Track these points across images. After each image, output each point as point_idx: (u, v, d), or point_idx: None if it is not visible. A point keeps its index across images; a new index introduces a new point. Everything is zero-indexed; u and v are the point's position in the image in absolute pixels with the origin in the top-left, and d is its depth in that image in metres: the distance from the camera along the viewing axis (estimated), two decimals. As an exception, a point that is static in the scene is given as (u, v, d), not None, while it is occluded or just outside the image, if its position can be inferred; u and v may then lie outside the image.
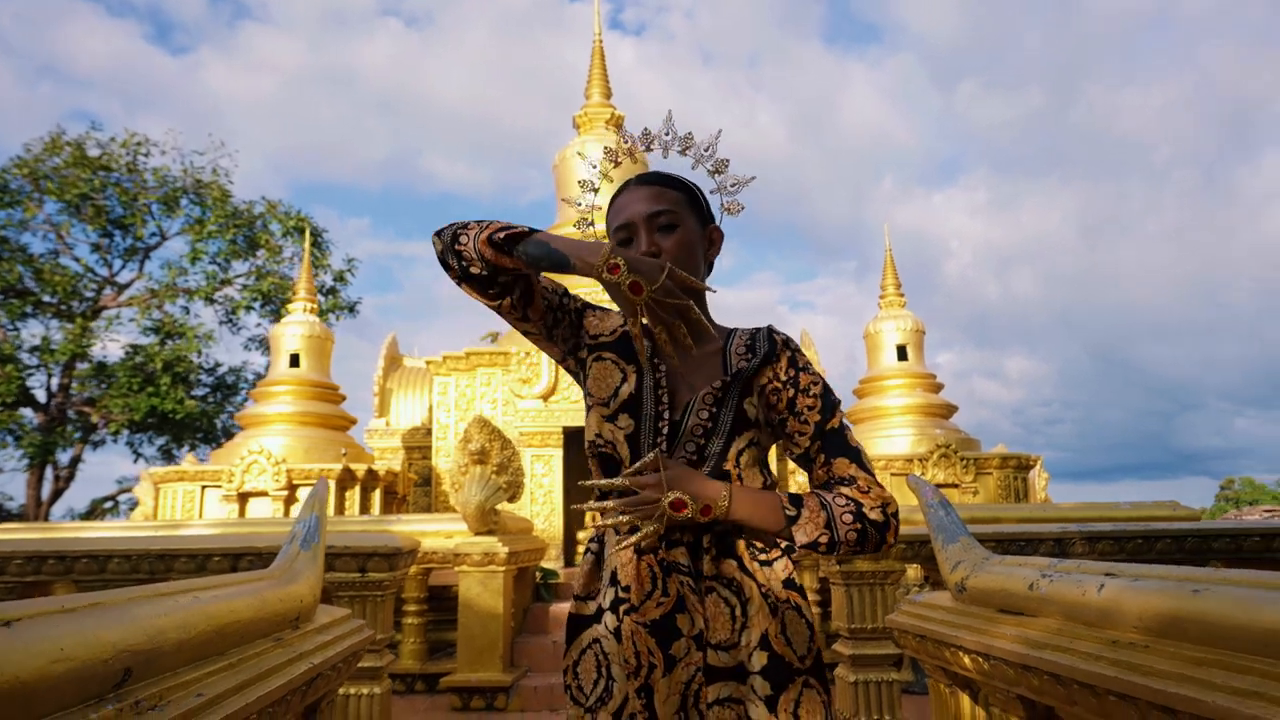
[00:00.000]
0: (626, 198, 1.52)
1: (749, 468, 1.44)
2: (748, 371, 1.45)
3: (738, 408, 1.44)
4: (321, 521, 3.03)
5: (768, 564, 1.40)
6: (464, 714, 5.86)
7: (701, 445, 1.42)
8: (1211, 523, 4.88)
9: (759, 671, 1.31)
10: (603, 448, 1.46)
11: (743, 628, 1.34)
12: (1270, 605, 1.38)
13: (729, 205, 1.53)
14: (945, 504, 3.21)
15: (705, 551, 1.38)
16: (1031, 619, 2.21)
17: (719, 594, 1.35)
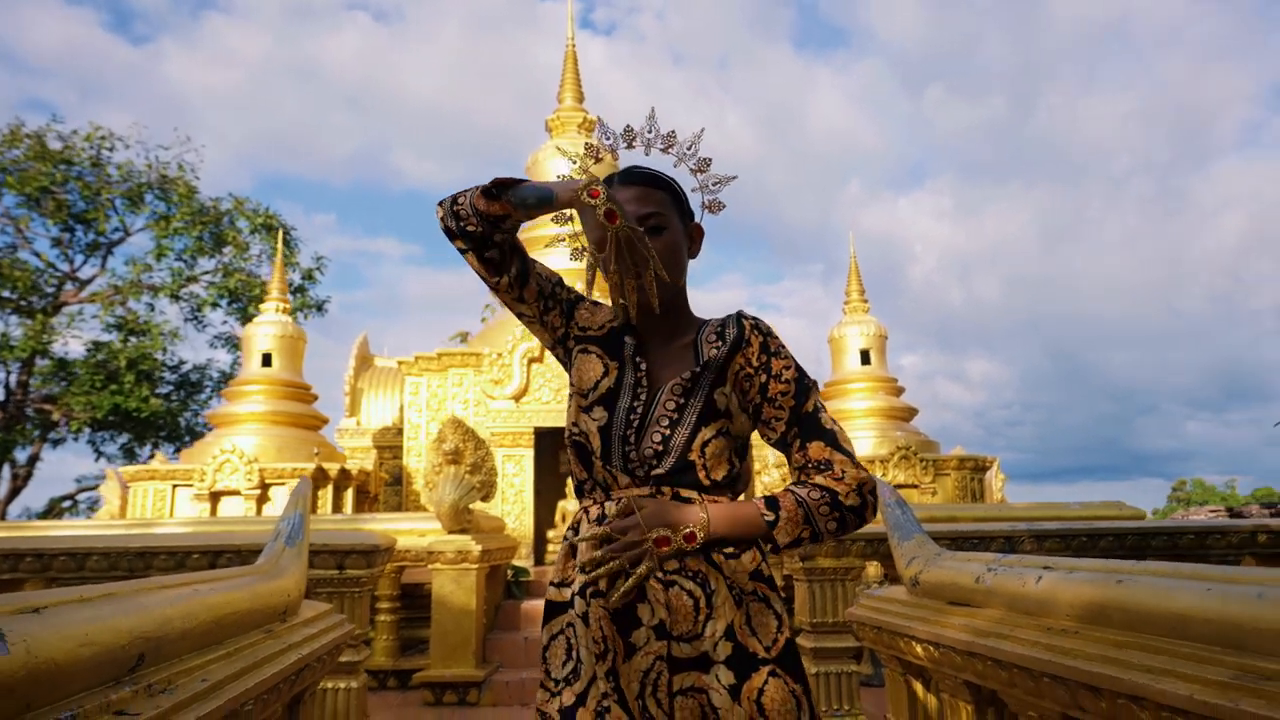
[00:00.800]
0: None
1: (715, 457, 1.41)
2: (717, 360, 1.44)
3: (707, 397, 1.42)
4: (305, 519, 3.11)
5: (734, 556, 1.37)
6: (437, 709, 5.92)
7: (667, 435, 1.41)
8: (1151, 522, 5.10)
9: (723, 661, 1.30)
10: (577, 437, 1.47)
11: (707, 619, 1.32)
12: (1180, 592, 1.52)
13: (710, 204, 1.54)
14: (902, 504, 3.36)
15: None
16: (978, 610, 2.35)
17: (682, 586, 1.33)
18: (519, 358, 12.02)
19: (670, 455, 1.40)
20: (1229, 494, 36.53)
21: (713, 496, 1.42)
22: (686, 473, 1.40)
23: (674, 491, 1.40)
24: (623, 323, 1.55)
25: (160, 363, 19.10)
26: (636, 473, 1.41)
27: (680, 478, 1.40)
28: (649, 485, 1.40)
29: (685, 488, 1.40)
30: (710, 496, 1.41)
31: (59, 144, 18.31)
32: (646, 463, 1.41)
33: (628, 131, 1.53)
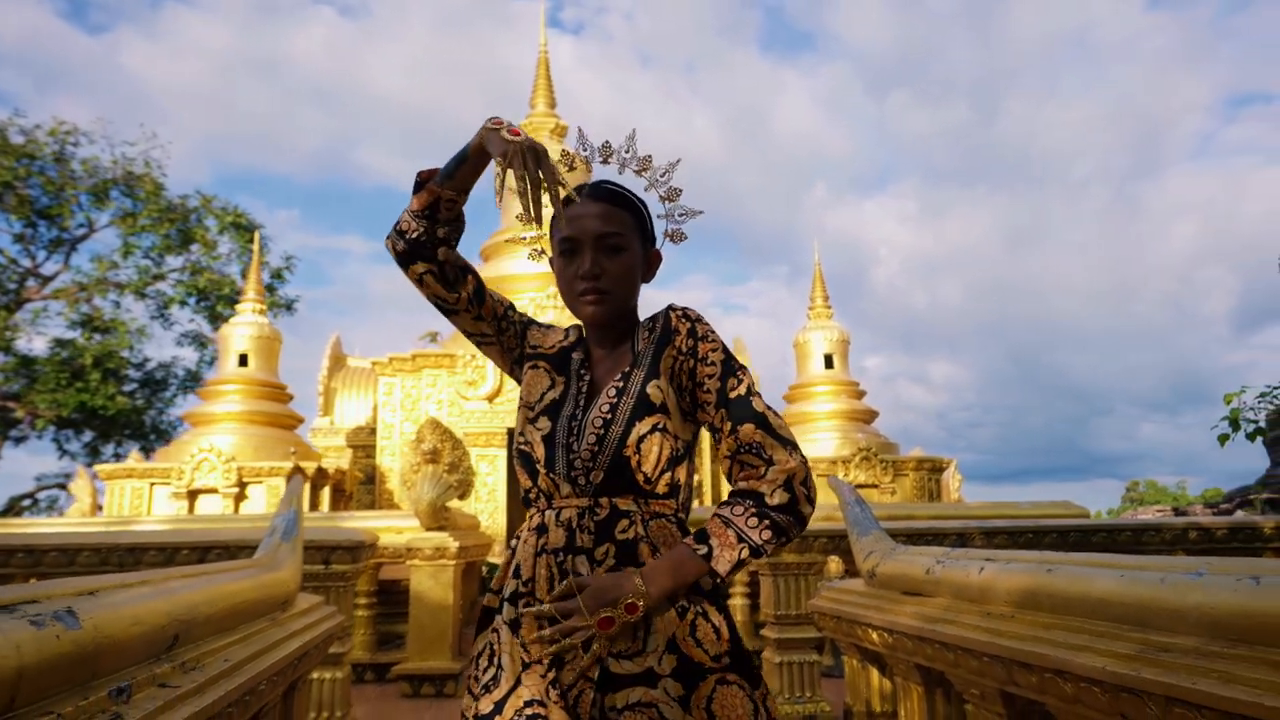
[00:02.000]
0: (577, 212, 1.47)
1: (652, 455, 1.37)
2: (645, 355, 1.43)
3: (640, 393, 1.40)
4: (299, 516, 3.23)
5: None
6: (414, 700, 6.03)
7: (601, 434, 1.37)
8: (1092, 520, 5.36)
9: (669, 674, 1.27)
10: (523, 446, 1.46)
11: (648, 633, 1.29)
12: (1098, 579, 1.71)
13: (673, 233, 1.54)
14: (860, 502, 3.56)
15: (602, 563, 1.33)
16: (928, 598, 2.54)
17: None
18: (493, 359, 12.13)
19: (605, 454, 1.36)
20: (1180, 494, 37.35)
21: (657, 505, 1.39)
22: (623, 474, 1.36)
23: (611, 504, 1.36)
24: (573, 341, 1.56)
25: (126, 360, 18.75)
26: (578, 481, 1.38)
27: (618, 482, 1.37)
28: (588, 496, 1.37)
29: (623, 495, 1.37)
30: (654, 505, 1.39)
31: (21, 138, 17.89)
32: (585, 466, 1.37)
33: (605, 148, 1.52)
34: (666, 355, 1.42)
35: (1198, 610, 1.44)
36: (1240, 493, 15.60)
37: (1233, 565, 1.47)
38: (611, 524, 1.35)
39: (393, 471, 12.41)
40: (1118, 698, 1.54)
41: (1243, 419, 6.53)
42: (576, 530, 1.35)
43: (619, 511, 1.36)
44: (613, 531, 1.35)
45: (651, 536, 1.36)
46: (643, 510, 1.37)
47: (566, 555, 1.34)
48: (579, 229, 1.45)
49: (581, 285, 1.44)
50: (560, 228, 1.47)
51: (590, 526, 1.35)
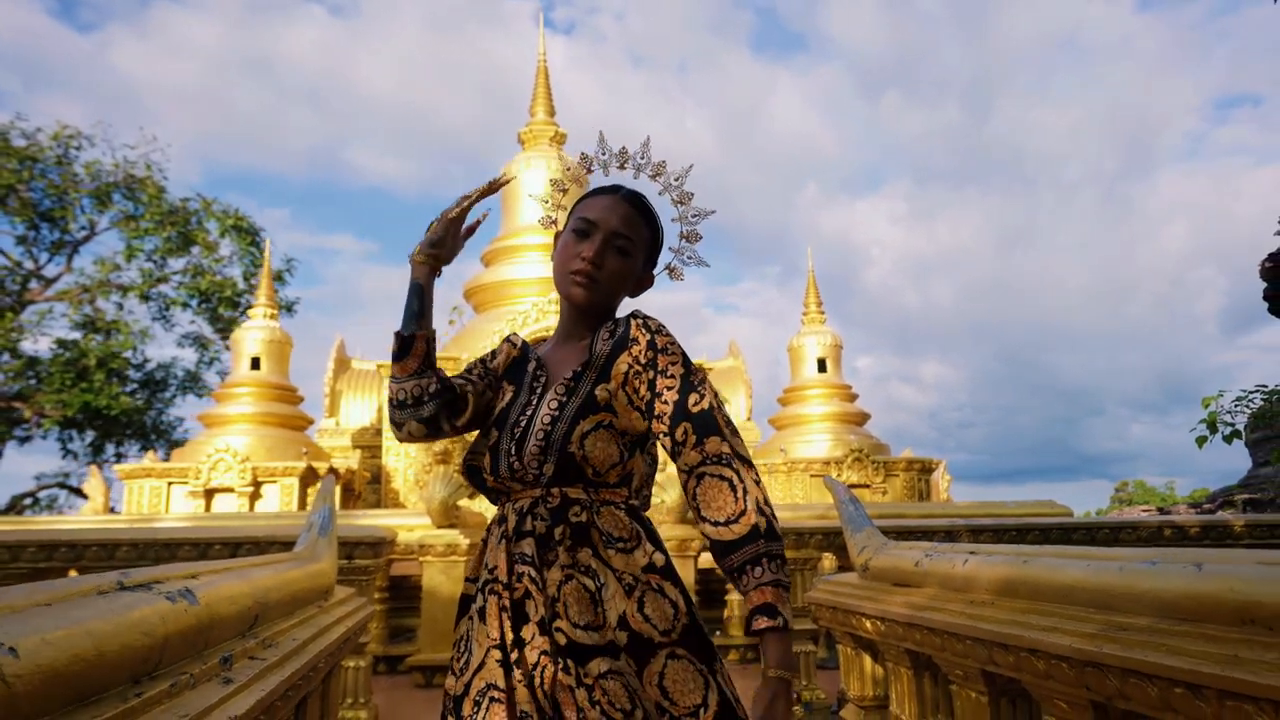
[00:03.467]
0: (605, 201, 1.50)
1: (598, 450, 1.37)
2: (598, 359, 1.43)
3: (588, 393, 1.39)
4: (334, 512, 3.41)
5: (626, 552, 1.36)
6: (427, 690, 6.20)
7: (549, 431, 1.38)
8: (1073, 519, 5.56)
9: (624, 648, 1.29)
10: (472, 460, 1.50)
11: (604, 610, 1.31)
12: (1067, 568, 1.91)
13: (689, 234, 1.58)
14: (854, 501, 3.75)
15: (559, 543, 1.34)
16: (916, 589, 2.73)
17: (578, 580, 1.32)
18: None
19: (552, 450, 1.37)
20: (1168, 495, 37.49)
21: (607, 494, 1.40)
22: (570, 467, 1.37)
23: (562, 493, 1.37)
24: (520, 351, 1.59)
25: (127, 361, 18.73)
26: (526, 477, 1.39)
27: (567, 474, 1.38)
28: (540, 487, 1.38)
29: (572, 485, 1.38)
30: (604, 494, 1.39)
31: (23, 141, 17.86)
32: (536, 461, 1.38)
33: (622, 153, 1.56)
34: (621, 360, 1.41)
35: (1151, 594, 1.63)
36: (1223, 493, 15.85)
37: (1182, 555, 1.67)
38: (564, 509, 1.36)
39: (398, 471, 12.58)
40: (1083, 672, 1.73)
41: (1220, 422, 6.74)
42: (529, 515, 1.36)
43: (569, 499, 1.37)
44: (566, 515, 1.36)
45: (600, 523, 1.36)
46: (593, 498, 1.38)
47: (518, 540, 1.35)
48: (600, 218, 1.48)
49: (579, 265, 1.46)
50: (582, 209, 1.51)
51: (543, 514, 1.36)
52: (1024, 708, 2.36)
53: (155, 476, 9.51)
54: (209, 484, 9.20)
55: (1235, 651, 1.38)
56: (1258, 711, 1.30)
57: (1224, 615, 1.44)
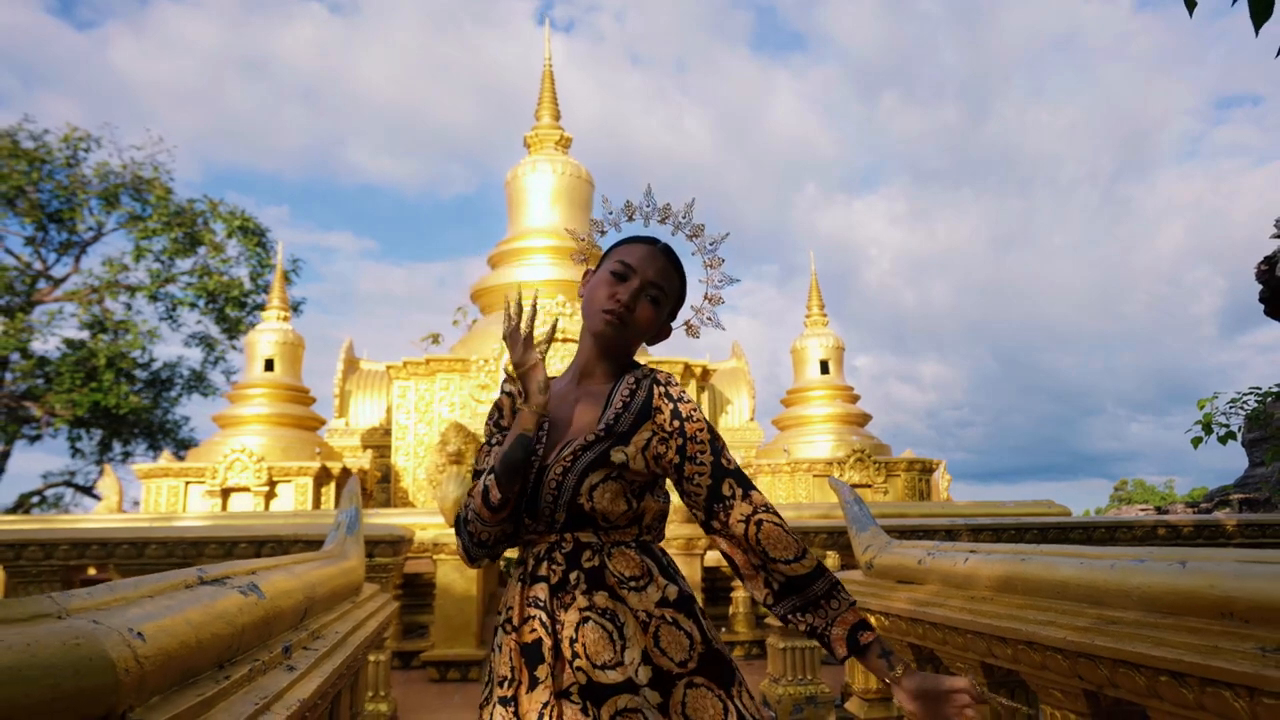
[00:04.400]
0: (644, 250, 1.57)
1: (607, 499, 1.44)
2: (621, 425, 1.48)
3: (603, 453, 1.45)
4: (360, 512, 3.53)
5: (639, 590, 1.42)
6: (441, 684, 6.32)
7: (560, 481, 1.44)
8: (1070, 518, 5.66)
9: (646, 684, 1.34)
10: None
11: (623, 648, 1.36)
12: (1062, 566, 2.01)
13: (713, 296, 1.65)
14: (859, 501, 3.85)
15: (575, 587, 1.40)
16: (919, 586, 2.84)
17: (596, 622, 1.37)
18: (504, 365, 12.43)
19: (563, 499, 1.44)
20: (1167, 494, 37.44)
21: (618, 535, 1.46)
22: (580, 515, 1.44)
23: (575, 539, 1.44)
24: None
25: (134, 361, 18.77)
26: (539, 527, 1.46)
27: (578, 520, 1.44)
28: (554, 533, 1.45)
29: (584, 531, 1.45)
30: (615, 536, 1.46)
31: (31, 143, 17.91)
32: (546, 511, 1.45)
33: (628, 206, 1.62)
34: (644, 429, 1.48)
35: (1139, 589, 1.74)
36: (1220, 492, 15.94)
37: (1168, 553, 1.77)
38: (578, 554, 1.43)
39: (407, 471, 12.70)
40: (1076, 662, 1.84)
41: (1215, 424, 6.85)
42: (544, 561, 1.44)
43: (582, 544, 1.44)
44: (580, 561, 1.43)
45: (613, 565, 1.43)
46: (604, 541, 1.45)
47: (533, 584, 1.43)
48: (639, 265, 1.54)
49: (611, 305, 1.51)
50: (621, 254, 1.57)
51: (559, 559, 1.43)
52: (1021, 697, 2.47)
53: (173, 476, 9.64)
54: (225, 483, 9.32)
55: (1215, 642, 1.48)
56: (1234, 696, 1.41)
57: (1205, 609, 1.55)
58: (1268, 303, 10.84)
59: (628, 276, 1.53)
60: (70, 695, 0.79)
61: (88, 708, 0.81)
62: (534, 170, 15.73)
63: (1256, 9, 1.87)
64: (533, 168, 15.80)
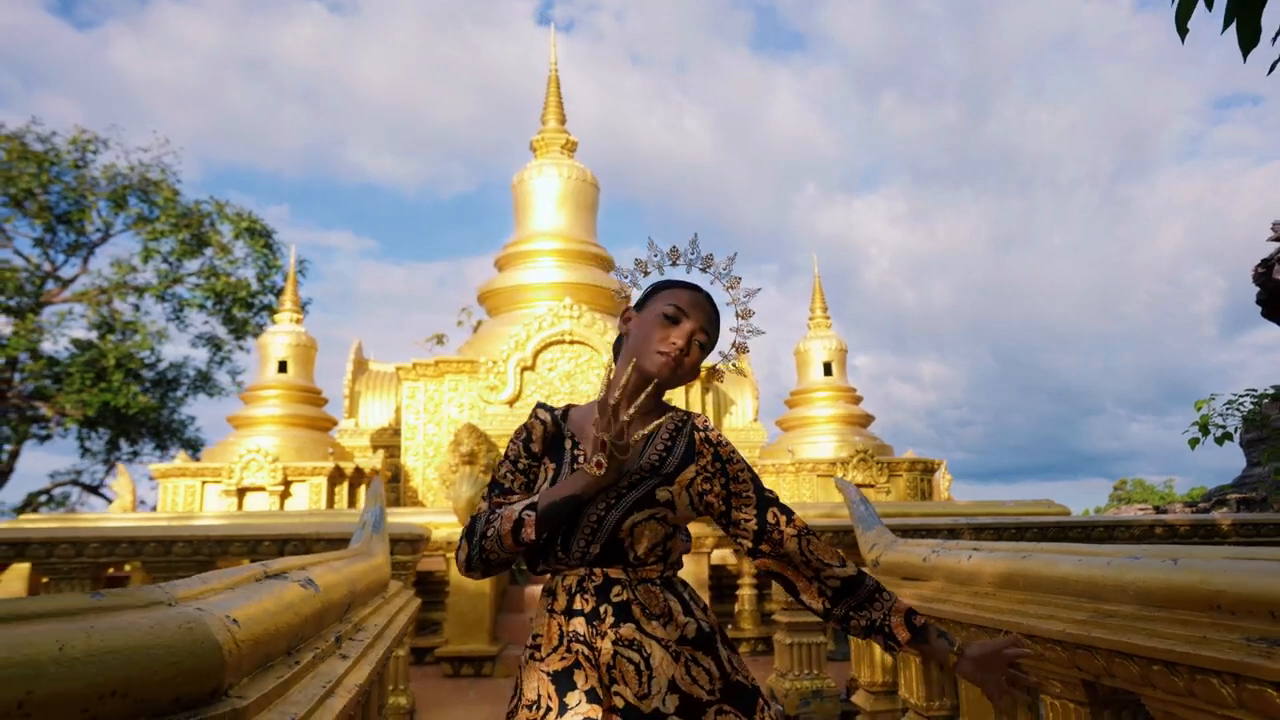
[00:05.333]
0: (695, 297, 1.64)
1: (644, 537, 1.52)
2: (666, 469, 1.55)
3: (646, 495, 1.52)
4: (384, 511, 3.62)
5: (664, 624, 1.50)
6: (455, 679, 6.43)
7: (602, 517, 1.50)
8: (1069, 517, 5.75)
9: (674, 712, 1.41)
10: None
11: (650, 679, 1.43)
12: (1061, 563, 2.11)
13: (743, 312, 1.71)
14: (864, 501, 3.95)
15: (603, 620, 1.47)
16: (924, 582, 2.93)
17: (623, 655, 1.44)
18: (513, 366, 12.53)
19: (601, 536, 1.50)
20: (1167, 493, 37.42)
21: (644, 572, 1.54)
22: (615, 551, 1.51)
23: (604, 574, 1.51)
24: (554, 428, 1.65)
25: (142, 361, 18.81)
26: (570, 560, 1.53)
27: (610, 556, 1.51)
28: (585, 566, 1.52)
29: (613, 567, 1.52)
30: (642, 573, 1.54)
31: (40, 145, 17.93)
32: (582, 550, 1.51)
33: (674, 252, 1.69)
34: (687, 471, 1.56)
35: (1134, 585, 1.84)
36: (1217, 492, 16.00)
37: (1162, 550, 1.87)
38: (607, 589, 1.51)
39: (416, 470, 12.81)
40: (1075, 653, 1.93)
41: (1212, 424, 6.93)
42: (576, 594, 1.51)
43: (611, 579, 1.51)
44: (609, 595, 1.50)
45: (640, 599, 1.51)
46: (630, 577, 1.52)
47: (570, 617, 1.49)
48: (691, 311, 1.61)
49: (666, 347, 1.58)
50: (673, 297, 1.63)
51: (590, 590, 1.50)
52: (1023, 691, 2.56)
53: (190, 476, 9.76)
54: (241, 483, 9.44)
55: (1204, 634, 1.58)
56: (1221, 684, 1.51)
57: (1195, 602, 1.64)
58: (1265, 305, 10.90)
59: (679, 320, 1.60)
60: (188, 672, 0.89)
61: (200, 684, 0.91)
62: (540, 174, 15.83)
63: (1244, 37, 1.97)
64: (539, 171, 15.90)
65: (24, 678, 0.73)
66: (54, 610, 0.83)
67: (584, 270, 14.72)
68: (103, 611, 0.87)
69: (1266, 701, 1.41)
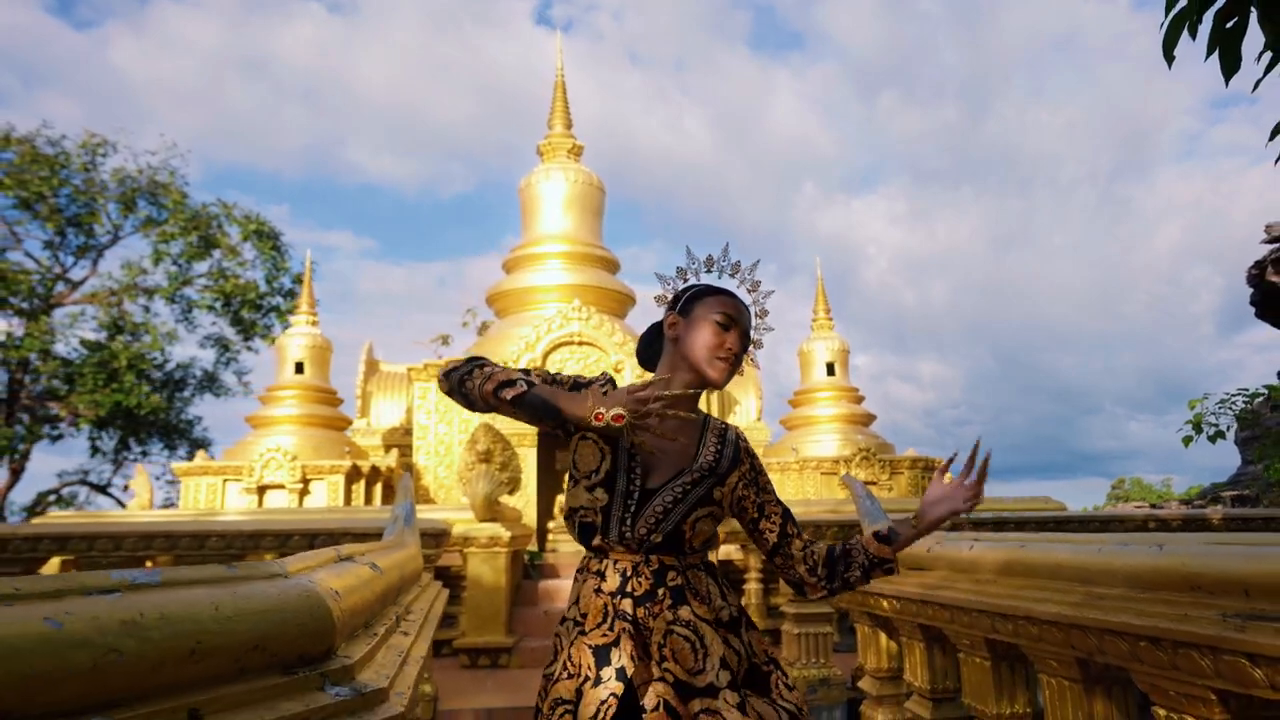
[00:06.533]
0: (738, 305, 1.75)
1: (701, 532, 1.66)
2: (720, 466, 1.69)
3: (706, 493, 1.65)
4: (414, 506, 3.77)
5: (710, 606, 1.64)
6: (473, 670, 6.58)
7: (668, 510, 1.62)
8: (1067, 513, 5.88)
9: (726, 686, 1.53)
10: (584, 516, 1.65)
11: (704, 656, 1.54)
12: (1056, 551, 2.25)
13: (761, 312, 1.82)
14: (871, 496, 4.07)
15: (660, 602, 1.58)
16: (928, 571, 3.07)
17: (680, 634, 1.55)
18: (523, 366, 12.68)
19: (665, 526, 1.61)
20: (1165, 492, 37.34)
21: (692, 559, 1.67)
22: (675, 542, 1.63)
23: (660, 560, 1.62)
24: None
25: (151, 362, 18.84)
26: (630, 544, 1.62)
27: (668, 546, 1.63)
28: (640, 554, 1.62)
29: (670, 554, 1.63)
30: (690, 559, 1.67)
31: (50, 149, 17.92)
32: (646, 530, 1.61)
33: (709, 260, 1.80)
34: (734, 475, 1.71)
35: (1122, 569, 1.97)
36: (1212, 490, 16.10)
37: (1148, 538, 2.01)
38: (663, 574, 1.62)
39: (428, 469, 12.95)
40: (1069, 633, 2.07)
41: (1205, 423, 7.06)
42: (631, 578, 1.61)
43: (665, 566, 1.63)
44: (665, 579, 1.61)
45: (691, 583, 1.63)
46: (682, 563, 1.65)
47: (618, 597, 1.59)
48: (739, 318, 1.73)
49: (724, 354, 1.70)
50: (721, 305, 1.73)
51: (647, 574, 1.61)
52: (1020, 671, 2.70)
53: (211, 474, 9.92)
54: (261, 481, 9.60)
55: (1185, 611, 1.71)
56: (1201, 656, 1.64)
57: (1177, 584, 1.78)
58: (1258, 306, 11.01)
59: (730, 327, 1.71)
60: (310, 633, 1.03)
61: (318, 643, 1.06)
62: (548, 178, 15.96)
63: (1225, 64, 2.11)
64: (546, 176, 16.03)
65: (193, 632, 0.88)
66: (204, 578, 0.98)
67: (591, 273, 14.86)
68: (239, 580, 1.01)
69: (1241, 671, 1.55)
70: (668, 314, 1.77)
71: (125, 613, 0.82)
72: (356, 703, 1.04)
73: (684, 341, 1.73)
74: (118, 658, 0.78)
